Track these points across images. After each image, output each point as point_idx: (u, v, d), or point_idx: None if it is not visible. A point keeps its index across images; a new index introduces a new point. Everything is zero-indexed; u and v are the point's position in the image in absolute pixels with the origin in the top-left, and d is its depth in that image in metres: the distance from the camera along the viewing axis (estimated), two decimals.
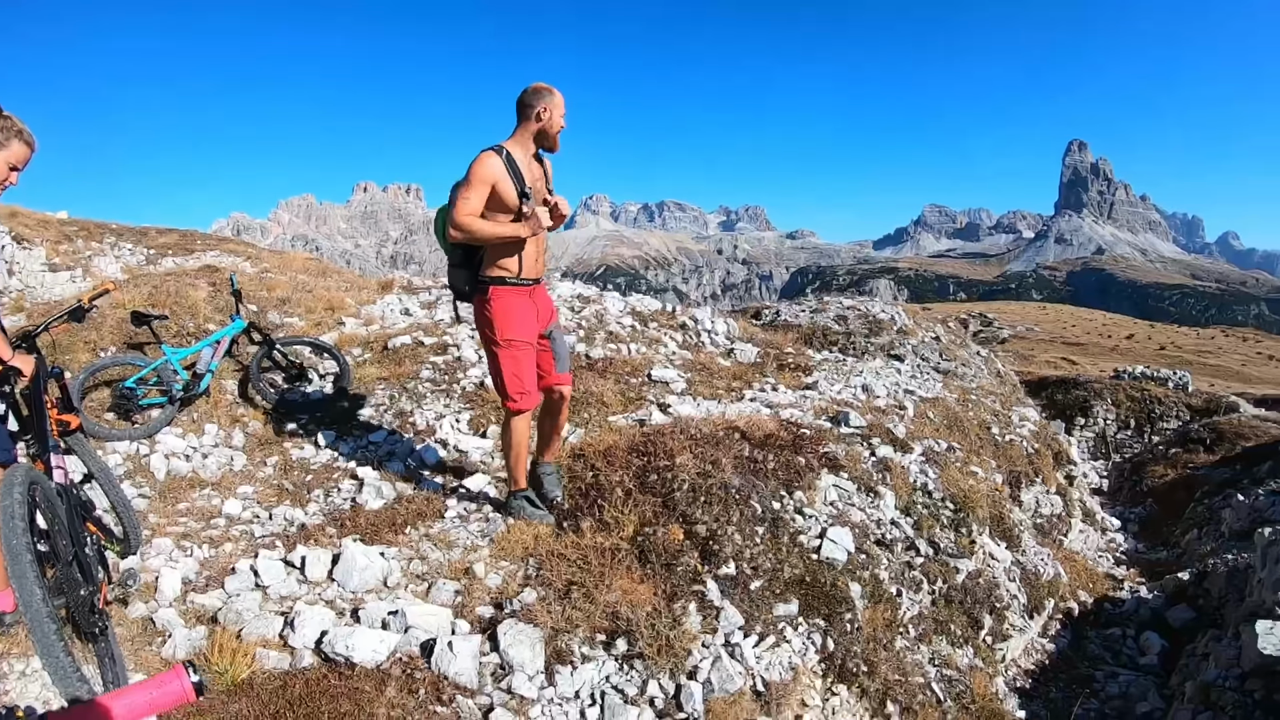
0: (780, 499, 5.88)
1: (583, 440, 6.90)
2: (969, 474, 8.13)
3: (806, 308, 15.15)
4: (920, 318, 15.91)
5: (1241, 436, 20.24)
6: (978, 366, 14.54)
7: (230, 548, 5.56)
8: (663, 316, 11.77)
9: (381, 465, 6.96)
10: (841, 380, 10.01)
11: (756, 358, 10.74)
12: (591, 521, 5.28)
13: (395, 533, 5.57)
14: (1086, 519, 13.05)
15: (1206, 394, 28.11)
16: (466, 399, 8.20)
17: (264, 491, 6.67)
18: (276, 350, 8.46)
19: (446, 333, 9.71)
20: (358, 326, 10.25)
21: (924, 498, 7.22)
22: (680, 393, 8.75)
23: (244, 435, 7.63)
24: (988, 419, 10.47)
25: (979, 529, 7.54)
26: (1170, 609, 9.08)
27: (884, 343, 13.13)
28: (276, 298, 10.86)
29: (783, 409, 8.09)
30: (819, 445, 6.75)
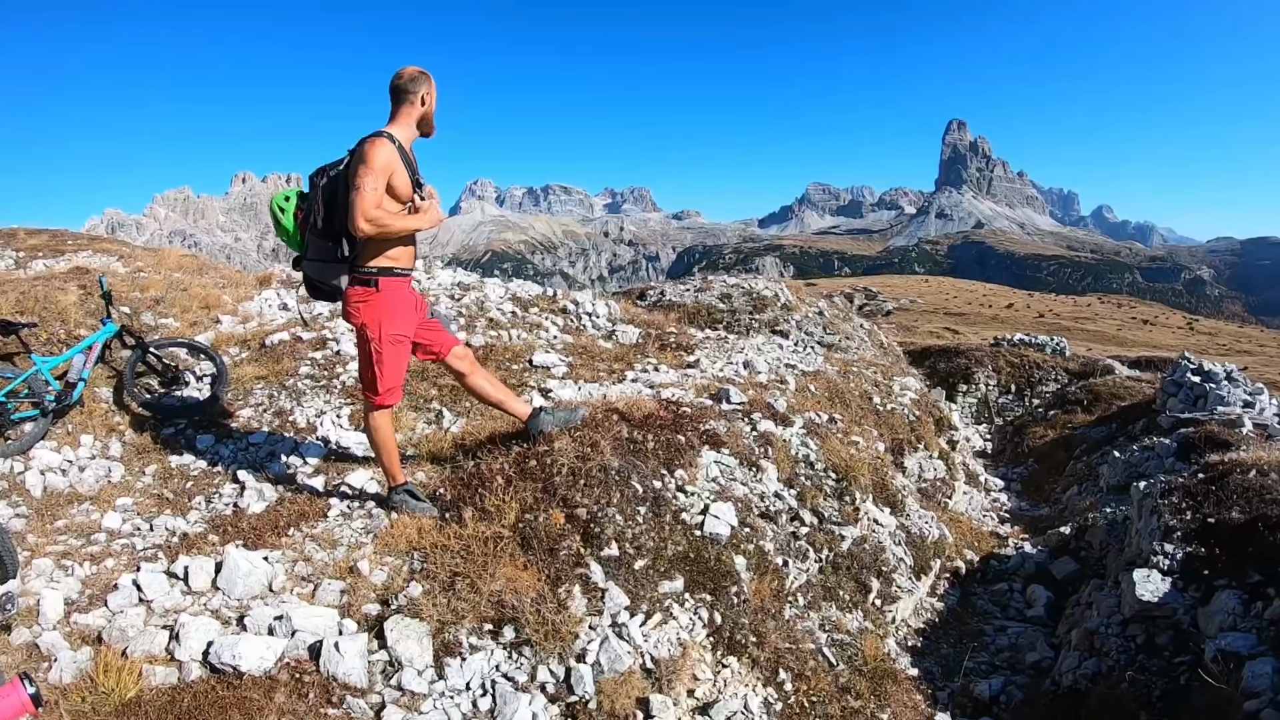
0: (661, 478, 5.93)
1: (464, 429, 6.90)
2: (851, 444, 8.31)
3: (691, 287, 15.28)
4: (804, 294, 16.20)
5: (1117, 396, 21.04)
6: (861, 339, 14.86)
7: (112, 563, 5.41)
8: (544, 301, 11.76)
9: (263, 467, 6.84)
10: (723, 358, 10.12)
11: (638, 339, 10.82)
12: (473, 511, 5.26)
13: (278, 535, 5.49)
14: (970, 481, 13.44)
15: (1083, 358, 29.12)
16: (346, 394, 8.09)
17: (144, 502, 6.49)
18: (150, 354, 8.21)
19: (325, 327, 9.56)
20: (235, 325, 10.00)
21: (807, 469, 7.37)
22: (562, 377, 8.77)
23: (121, 445, 7.39)
24: (869, 389, 10.71)
25: (862, 496, 7.72)
26: (1054, 562, 9.40)
27: (768, 319, 13.33)
28: (150, 298, 10.51)
29: (664, 388, 8.15)
30: (700, 423, 6.82)
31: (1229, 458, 7.44)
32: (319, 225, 5.17)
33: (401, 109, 5.15)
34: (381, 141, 4.96)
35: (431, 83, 5.15)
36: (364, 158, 4.91)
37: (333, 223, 5.12)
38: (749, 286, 14.68)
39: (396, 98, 5.13)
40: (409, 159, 5.14)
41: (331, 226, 5.14)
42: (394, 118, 5.16)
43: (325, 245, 5.24)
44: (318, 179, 5.18)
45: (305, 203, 5.29)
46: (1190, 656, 5.42)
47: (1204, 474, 7.22)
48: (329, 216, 5.13)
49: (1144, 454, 12.69)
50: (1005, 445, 21.67)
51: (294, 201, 5.37)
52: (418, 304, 5.52)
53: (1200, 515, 6.55)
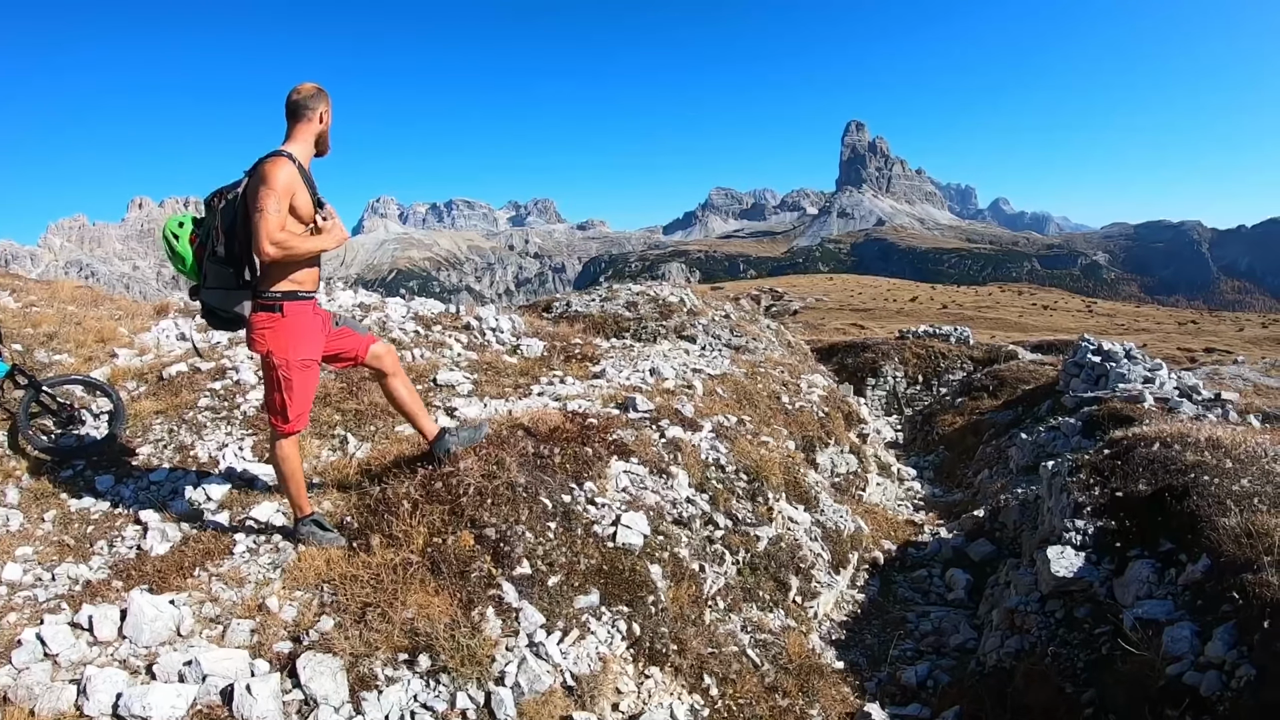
0: (570, 491, 5.93)
1: (369, 454, 6.81)
2: (761, 444, 8.40)
3: (597, 297, 15.32)
4: (710, 298, 16.35)
5: (1021, 380, 21.56)
6: (769, 340, 15.02)
7: (14, 617, 5.22)
8: (447, 319, 11.67)
9: (165, 506, 6.64)
10: (630, 366, 10.15)
11: (543, 352, 10.78)
12: (381, 538, 5.20)
13: (184, 576, 5.34)
14: (883, 472, 13.66)
15: (987, 345, 29.79)
16: (248, 424, 7.88)
17: (44, 550, 6.27)
18: (45, 393, 7.95)
19: (224, 356, 9.31)
20: (132, 358, 9.72)
21: (717, 472, 7.43)
22: (467, 394, 8.71)
23: (18, 491, 7.13)
24: (777, 389, 10.83)
25: (775, 496, 7.81)
26: (970, 545, 9.57)
27: (675, 324, 13.42)
28: (43, 333, 10.20)
29: (571, 400, 8.16)
30: (607, 433, 6.84)
31: (1133, 432, 7.66)
32: (219, 251, 4.98)
33: (299, 126, 5.00)
34: (282, 161, 4.82)
35: (328, 100, 5.05)
36: (264, 178, 4.75)
37: (233, 248, 4.93)
38: (655, 294, 14.78)
39: (294, 115, 4.99)
40: (309, 178, 5.01)
41: (232, 251, 4.95)
42: (291, 136, 5.00)
43: (225, 272, 5.03)
44: (215, 202, 4.99)
45: (201, 228, 5.14)
46: (1109, 627, 5.56)
47: (1109, 449, 7.42)
48: (229, 242, 4.94)
49: (1051, 434, 13.02)
50: (916, 435, 22.07)
51: (188, 227, 5.18)
52: (324, 323, 5.38)
53: (1109, 490, 6.73)
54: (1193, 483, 6.11)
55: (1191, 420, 9.45)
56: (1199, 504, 5.82)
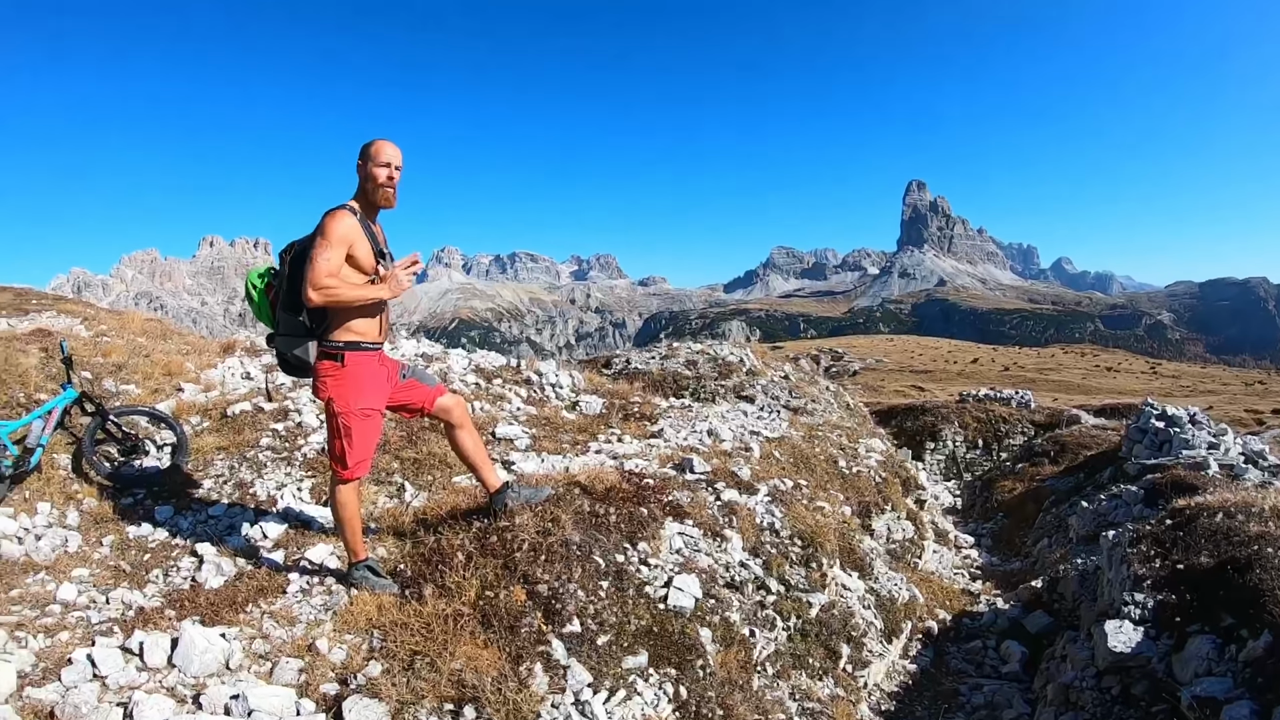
0: (624, 551, 5.90)
1: (425, 504, 6.83)
2: (816, 510, 8.31)
3: (657, 354, 15.30)
4: (769, 358, 16.25)
5: (1084, 446, 21.14)
6: (827, 401, 14.88)
7: (67, 636, 5.30)
8: (507, 372, 11.72)
9: (222, 540, 6.73)
10: (687, 426, 10.12)
11: (602, 409, 10.78)
12: (434, 588, 5.20)
13: (236, 611, 5.38)
14: (939, 539, 13.43)
15: (1049, 409, 29.36)
16: (308, 466, 7.99)
17: (100, 574, 6.36)
18: (111, 421, 8.11)
19: (288, 398, 9.48)
20: (197, 393, 9.89)
21: (772, 537, 7.35)
22: (525, 449, 8.72)
23: (79, 514, 7.27)
24: (835, 453, 10.73)
25: (829, 562, 7.70)
26: (1027, 616, 9.36)
27: (734, 384, 13.35)
28: (112, 363, 10.42)
29: (628, 459, 8.14)
30: (663, 494, 6.81)
31: (1195, 502, 7.48)
32: (286, 300, 5.20)
33: (361, 180, 5.18)
34: (340, 213, 5.01)
35: (388, 154, 5.13)
36: (322, 230, 4.95)
37: (297, 297, 5.09)
38: (714, 352, 14.72)
39: (359, 169, 5.16)
40: (371, 230, 5.16)
41: (295, 300, 5.13)
42: (359, 188, 5.19)
43: (293, 320, 5.24)
44: (286, 254, 5.22)
45: (276, 279, 5.32)
46: (1167, 705, 5.41)
47: (1171, 520, 7.24)
48: (291, 290, 5.14)
49: (1112, 503, 12.73)
50: (974, 500, 21.71)
51: (266, 278, 5.41)
52: (390, 374, 5.50)
53: (1169, 562, 6.56)
54: (1256, 555, 5.95)
55: (1256, 488, 9.20)
56: (1262, 577, 5.66)
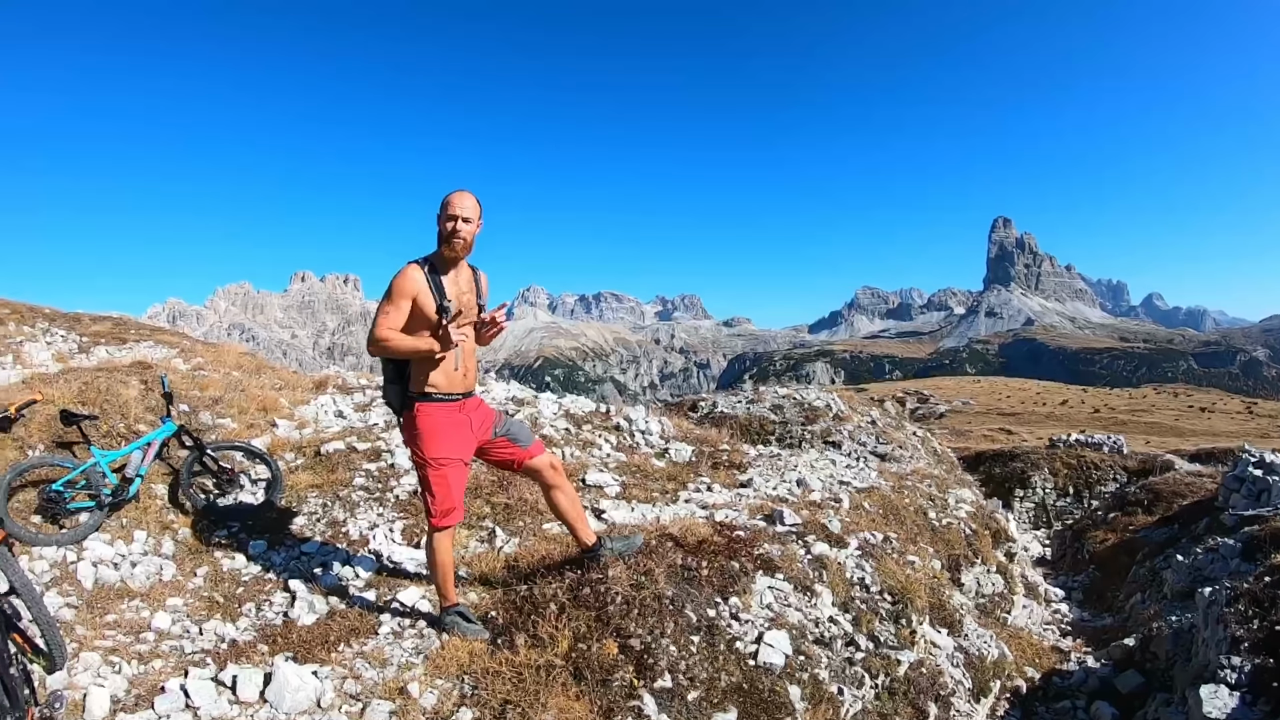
0: (715, 606, 5.84)
1: (517, 550, 6.84)
2: (906, 564, 8.15)
3: (743, 398, 15.21)
4: (856, 402, 16.07)
5: (1178, 495, 20.41)
6: (914, 447, 14.66)
7: (160, 664, 5.41)
8: (597, 418, 11.74)
9: (314, 578, 6.82)
10: (776, 476, 10.01)
11: (691, 457, 10.73)
12: (526, 638, 5.20)
13: (328, 650, 5.45)
14: (1029, 593, 13.09)
15: (1141, 454, 28.52)
16: (400, 508, 8.07)
17: (194, 604, 6.49)
18: (208, 455, 8.30)
19: (380, 438, 9.61)
20: (291, 429, 10.09)
21: (861, 592, 7.23)
22: (615, 497, 8.72)
23: (174, 543, 7.44)
24: (924, 504, 10.53)
25: (919, 618, 7.55)
26: (1119, 676, 9.05)
27: (820, 430, 13.21)
28: (209, 397, 10.66)
29: (718, 510, 8.09)
30: (753, 547, 6.74)
31: None
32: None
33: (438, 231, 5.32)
34: (405, 270, 5.23)
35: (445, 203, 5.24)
36: (388, 286, 5.20)
37: None
38: (801, 397, 14.61)
39: (437, 221, 5.30)
40: (441, 283, 5.27)
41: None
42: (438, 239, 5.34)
43: (388, 367, 5.55)
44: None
45: None
46: None
47: (1270, 577, 6.96)
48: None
49: (1208, 556, 12.28)
50: (1065, 551, 21.11)
51: None
52: (476, 424, 5.57)
53: (1268, 623, 6.30)
54: None
55: None
56: None
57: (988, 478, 25.46)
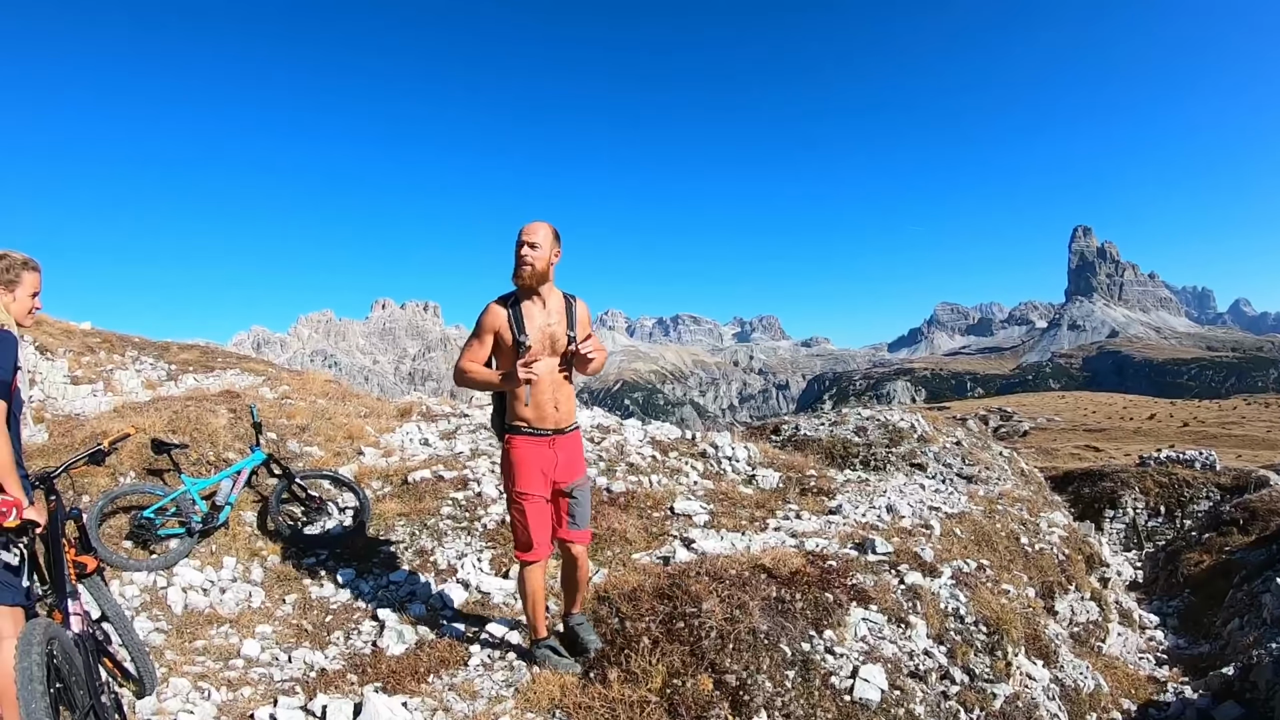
0: (810, 639, 5.73)
1: (606, 580, 6.78)
2: (1001, 593, 7.95)
3: (826, 421, 15.01)
4: (940, 422, 15.79)
5: (1275, 513, 19.67)
6: (1001, 468, 14.35)
7: (249, 691, 5.46)
8: (683, 445, 11.66)
9: (402, 607, 6.87)
10: (865, 502, 9.82)
11: (779, 483, 10.60)
12: (619, 672, 5.13)
13: (418, 681, 5.45)
14: (1124, 620, 12.72)
15: (1235, 470, 27.54)
16: (488, 537, 8.09)
17: (283, 631, 6.57)
18: (296, 483, 8.43)
19: (466, 466, 9.66)
20: (377, 457, 10.19)
21: (956, 623, 7.05)
22: (704, 525, 8.65)
23: (263, 570, 7.55)
24: (1016, 529, 10.28)
25: (1014, 650, 7.34)
26: (1217, 708, 8.76)
27: (905, 452, 12.98)
28: (296, 425, 10.83)
29: (808, 538, 7.95)
30: (846, 577, 6.60)
31: None
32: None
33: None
34: (489, 306, 5.35)
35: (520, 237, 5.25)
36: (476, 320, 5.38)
37: None
38: (885, 419, 14.37)
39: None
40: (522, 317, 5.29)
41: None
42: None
43: (493, 398, 5.73)
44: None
45: None
46: None
47: None
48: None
49: None
50: (1157, 574, 20.47)
51: None
52: (563, 463, 5.50)
53: None
54: None
55: None
56: None
57: (1076, 498, 24.76)
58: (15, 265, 4.26)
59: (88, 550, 4.98)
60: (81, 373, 14.87)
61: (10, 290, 4.23)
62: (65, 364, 14.84)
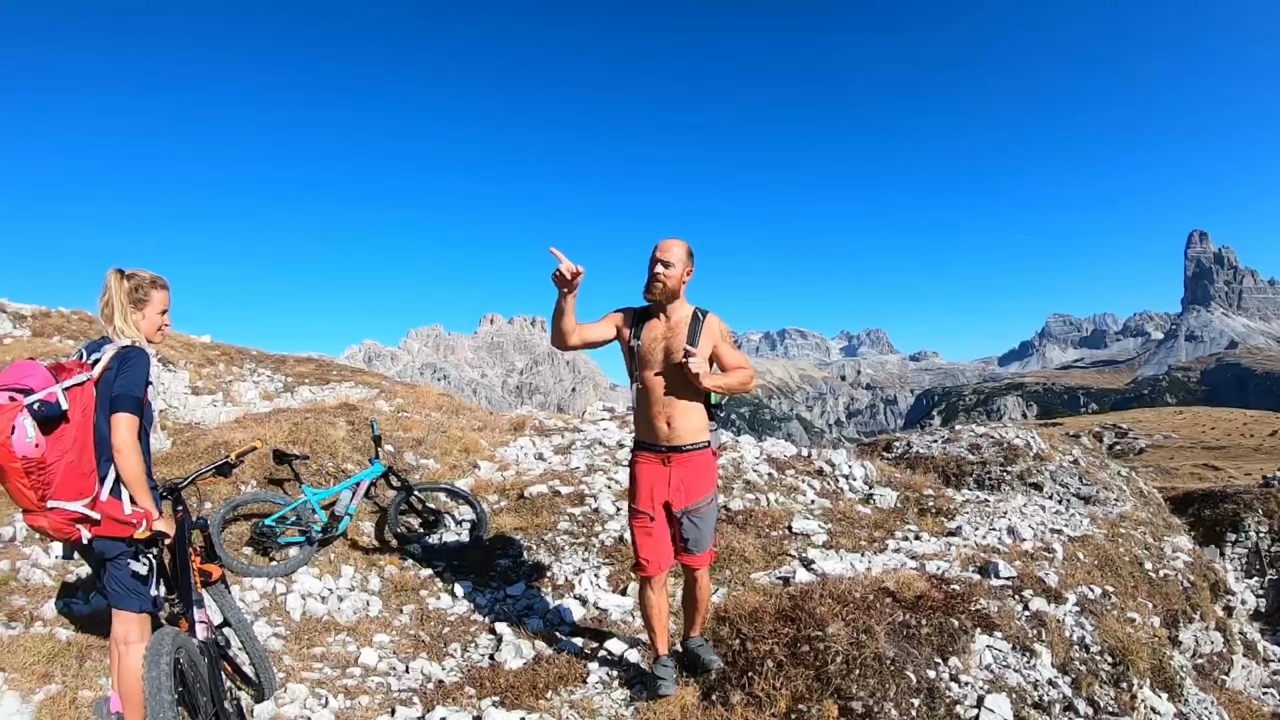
0: (935, 666, 5.62)
1: (725, 600, 6.74)
2: (1126, 621, 7.72)
3: (939, 438, 14.76)
4: (1056, 440, 15.39)
5: None
6: (1119, 488, 13.93)
7: (366, 700, 5.56)
8: (799, 462, 11.54)
9: (520, 621, 6.92)
10: (985, 523, 9.58)
11: (896, 503, 10.44)
12: (741, 695, 5.09)
13: (536, 697, 5.46)
14: (1248, 652, 12.23)
15: None
16: (605, 554, 8.13)
17: (400, 642, 6.68)
18: (414, 495, 8.58)
19: (582, 482, 9.76)
20: (493, 471, 10.33)
21: (1081, 652, 6.86)
22: (822, 545, 8.55)
23: (380, 580, 7.70)
24: (1140, 554, 9.96)
25: (1139, 681, 7.12)
26: None
27: (1020, 470, 12.69)
28: (412, 438, 11.05)
29: (928, 560, 7.81)
30: (970, 602, 6.47)
31: None
32: None
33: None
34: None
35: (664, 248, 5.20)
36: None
37: None
38: (999, 436, 14.06)
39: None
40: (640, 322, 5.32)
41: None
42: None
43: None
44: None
45: None
46: None
47: None
48: None
49: None
50: None
51: None
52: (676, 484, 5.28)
53: None
54: None
55: None
56: None
57: (1196, 520, 23.82)
58: (145, 284, 4.40)
59: (213, 559, 5.15)
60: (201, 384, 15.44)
61: (140, 309, 4.38)
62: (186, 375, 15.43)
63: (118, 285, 4.32)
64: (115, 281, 4.32)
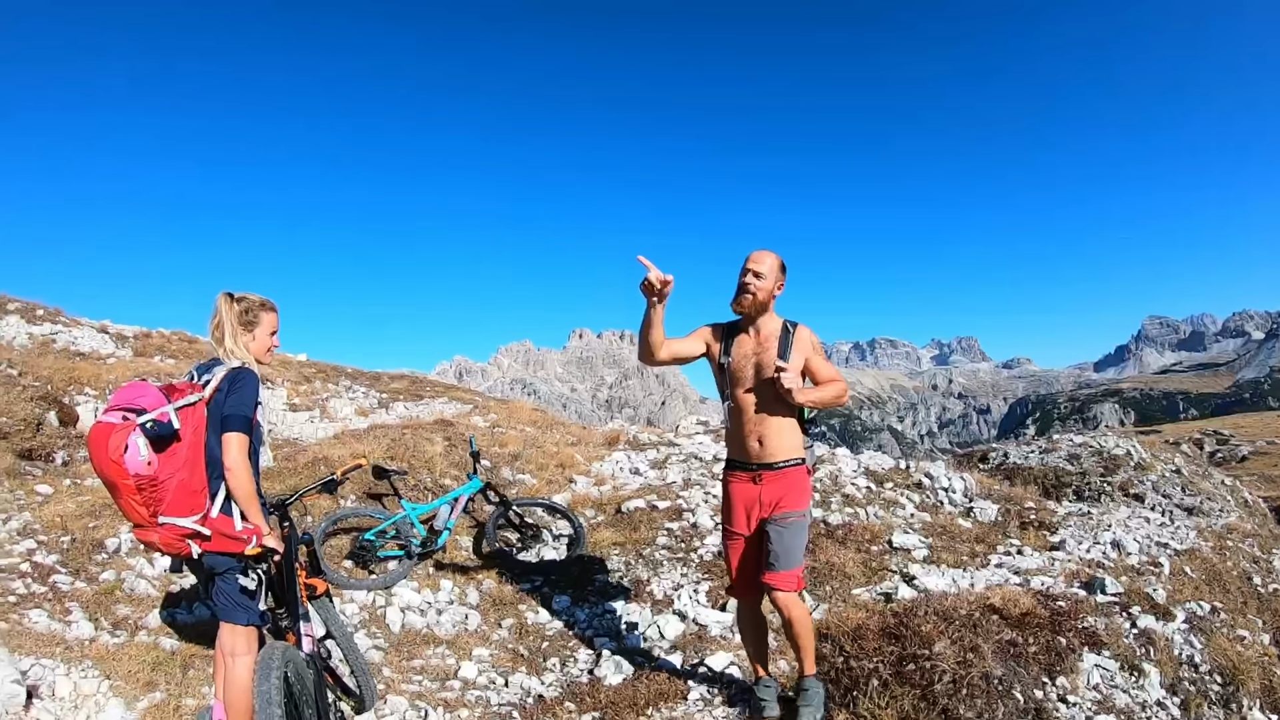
0: (1042, 686, 5.53)
1: (826, 616, 6.70)
2: (1235, 639, 7.51)
3: (1036, 448, 14.46)
4: (1156, 448, 15.00)
5: None
6: (1223, 498, 13.53)
7: (466, 714, 5.62)
8: (898, 475, 11.40)
9: (619, 636, 6.96)
10: (1089, 537, 9.36)
11: (997, 516, 10.28)
12: (846, 714, 5.07)
13: (636, 713, 5.46)
14: None
15: None
16: (704, 569, 8.11)
17: (499, 655, 6.74)
18: (512, 510, 8.70)
19: (680, 497, 9.79)
20: (589, 486, 10.41)
21: (1190, 672, 6.69)
22: (923, 560, 8.48)
23: (478, 594, 7.79)
24: (1248, 568, 9.66)
25: (1249, 702, 6.91)
26: None
27: (1121, 481, 12.37)
28: (508, 453, 11.19)
29: (1032, 575, 7.68)
30: (1076, 619, 6.34)
31: None
32: None
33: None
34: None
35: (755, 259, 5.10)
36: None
37: None
38: (1098, 445, 13.73)
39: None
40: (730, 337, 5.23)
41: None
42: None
43: None
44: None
45: None
46: None
47: None
48: None
49: None
50: None
51: None
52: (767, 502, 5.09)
53: None
54: None
55: None
56: None
57: None
58: (254, 307, 4.55)
59: (318, 573, 5.30)
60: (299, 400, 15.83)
61: (250, 330, 4.52)
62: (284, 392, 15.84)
63: (228, 308, 4.45)
64: (226, 304, 4.45)
